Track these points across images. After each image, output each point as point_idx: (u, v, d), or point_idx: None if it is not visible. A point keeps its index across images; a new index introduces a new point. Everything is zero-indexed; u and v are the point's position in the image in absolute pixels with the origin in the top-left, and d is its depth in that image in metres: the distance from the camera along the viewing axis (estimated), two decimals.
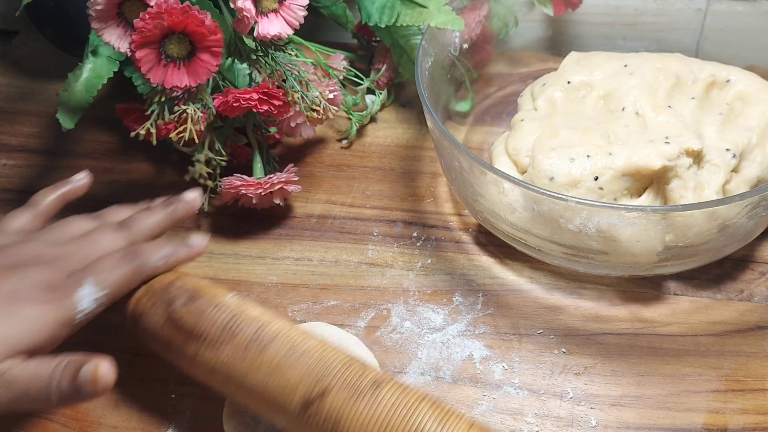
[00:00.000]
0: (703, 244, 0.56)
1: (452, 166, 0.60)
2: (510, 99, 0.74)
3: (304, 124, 0.68)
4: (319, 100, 0.63)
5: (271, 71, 0.62)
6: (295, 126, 0.68)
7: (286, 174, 0.64)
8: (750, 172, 0.61)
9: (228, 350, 0.49)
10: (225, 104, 0.61)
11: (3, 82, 0.82)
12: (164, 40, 0.56)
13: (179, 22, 0.55)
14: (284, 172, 0.65)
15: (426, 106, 0.60)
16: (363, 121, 0.74)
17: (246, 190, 0.63)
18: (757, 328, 0.59)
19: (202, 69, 0.57)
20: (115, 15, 0.56)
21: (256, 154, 0.66)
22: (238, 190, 0.63)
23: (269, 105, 0.61)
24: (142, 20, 0.54)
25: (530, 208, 0.56)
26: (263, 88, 0.61)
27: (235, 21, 0.59)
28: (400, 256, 0.65)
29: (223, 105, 0.61)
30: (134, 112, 0.61)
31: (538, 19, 0.76)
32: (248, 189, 0.63)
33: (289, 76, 0.62)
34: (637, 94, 0.64)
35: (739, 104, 0.64)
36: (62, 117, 0.63)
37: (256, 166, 0.66)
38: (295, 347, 0.48)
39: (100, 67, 0.64)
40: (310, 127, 0.69)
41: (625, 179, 0.59)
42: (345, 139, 0.74)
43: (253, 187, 0.63)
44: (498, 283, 0.63)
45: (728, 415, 0.54)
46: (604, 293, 0.61)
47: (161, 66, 0.56)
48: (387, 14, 0.68)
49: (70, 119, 0.63)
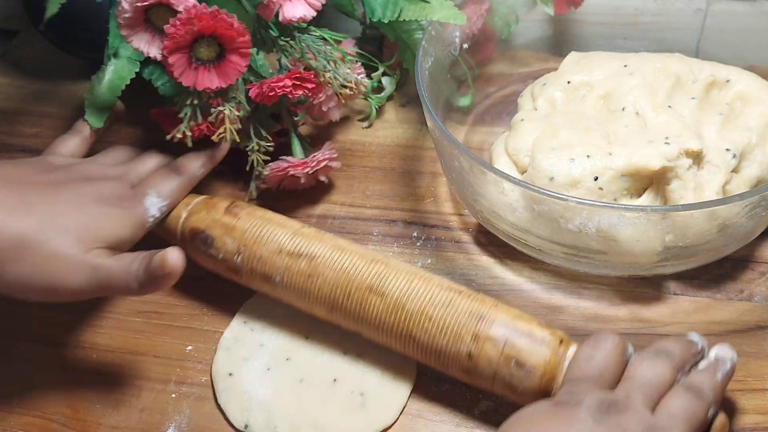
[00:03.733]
0: (703, 244, 0.56)
1: (452, 166, 0.60)
2: (510, 99, 0.74)
3: (334, 107, 0.70)
4: (351, 76, 0.65)
5: (301, 54, 0.63)
6: (327, 110, 0.69)
7: (328, 152, 0.66)
8: (750, 172, 0.61)
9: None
10: (261, 94, 0.62)
11: (3, 82, 0.82)
12: (194, 44, 0.57)
13: (209, 26, 0.57)
14: (325, 150, 0.66)
15: (426, 106, 0.60)
16: (382, 102, 0.76)
17: (294, 170, 0.65)
18: (757, 328, 0.59)
19: (231, 70, 0.59)
20: (143, 21, 0.58)
21: (293, 136, 0.68)
22: (285, 171, 0.65)
23: (303, 89, 0.63)
24: (173, 26, 0.56)
25: (530, 208, 0.56)
26: (295, 74, 0.62)
27: (260, 7, 0.61)
28: (400, 256, 0.65)
29: (260, 95, 0.62)
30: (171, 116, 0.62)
31: (539, 18, 0.76)
32: (296, 169, 0.65)
33: (320, 57, 0.64)
34: (637, 94, 0.64)
35: (739, 104, 0.64)
36: (90, 117, 0.65)
37: (296, 148, 0.68)
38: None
39: (122, 69, 0.65)
40: (337, 109, 0.70)
41: (624, 179, 0.59)
42: (366, 120, 0.75)
43: (300, 167, 0.65)
44: (498, 283, 0.63)
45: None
46: (604, 293, 0.61)
47: (192, 69, 0.58)
48: (390, 9, 0.68)
49: (98, 118, 0.65)
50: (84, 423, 0.56)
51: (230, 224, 0.59)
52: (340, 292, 0.55)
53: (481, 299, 0.54)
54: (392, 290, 0.54)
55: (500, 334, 0.52)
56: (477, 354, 0.52)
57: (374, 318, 0.54)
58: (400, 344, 0.54)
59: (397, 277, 0.55)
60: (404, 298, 0.54)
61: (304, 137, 0.70)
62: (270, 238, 0.58)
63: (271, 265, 0.57)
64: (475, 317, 0.52)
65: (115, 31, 0.65)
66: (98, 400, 0.57)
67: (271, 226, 0.58)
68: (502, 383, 0.52)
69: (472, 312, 0.53)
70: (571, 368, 0.50)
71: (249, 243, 0.58)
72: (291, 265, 0.56)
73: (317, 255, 0.56)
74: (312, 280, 0.56)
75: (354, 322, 0.55)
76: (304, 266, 0.56)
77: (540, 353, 0.51)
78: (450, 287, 0.54)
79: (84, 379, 0.59)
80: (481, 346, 0.52)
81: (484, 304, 0.53)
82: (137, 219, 0.58)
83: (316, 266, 0.56)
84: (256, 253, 0.57)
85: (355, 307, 0.55)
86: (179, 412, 0.56)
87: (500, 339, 0.51)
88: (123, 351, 0.60)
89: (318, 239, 0.57)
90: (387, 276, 0.55)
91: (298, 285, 0.56)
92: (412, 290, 0.54)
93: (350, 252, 0.56)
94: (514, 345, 0.51)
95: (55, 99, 0.80)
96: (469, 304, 0.53)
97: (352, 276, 0.55)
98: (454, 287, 0.55)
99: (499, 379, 0.51)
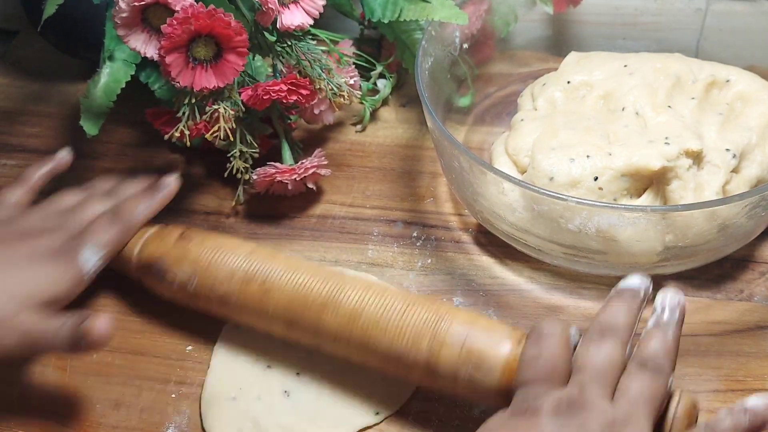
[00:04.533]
0: (702, 244, 0.56)
1: (452, 166, 0.60)
2: (510, 99, 0.74)
3: (326, 110, 0.70)
4: (344, 85, 0.65)
5: (297, 61, 0.64)
6: (318, 113, 0.69)
7: (317, 159, 0.66)
8: (750, 172, 0.61)
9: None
10: (255, 98, 0.62)
11: (3, 82, 0.82)
12: (191, 43, 0.57)
13: (206, 26, 0.57)
14: (314, 157, 0.66)
15: (426, 106, 0.60)
16: (376, 105, 0.75)
17: (281, 177, 0.65)
18: (757, 328, 0.59)
19: (229, 69, 0.59)
20: (140, 21, 0.58)
21: (283, 142, 0.68)
22: (272, 177, 0.65)
23: (297, 95, 0.63)
24: (170, 26, 0.56)
25: (530, 208, 0.56)
26: (291, 79, 0.63)
27: (259, 14, 0.61)
28: (400, 256, 0.65)
29: (253, 98, 0.62)
30: (163, 116, 0.62)
31: (539, 18, 0.76)
32: (283, 176, 0.65)
33: (315, 65, 0.64)
34: (637, 94, 0.64)
35: (739, 104, 0.64)
36: (86, 124, 0.64)
37: (285, 154, 0.67)
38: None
39: (118, 72, 0.65)
40: (330, 113, 0.70)
41: (624, 179, 0.59)
42: (359, 124, 0.75)
43: (287, 173, 0.65)
44: (498, 283, 0.63)
45: None
46: (604, 293, 0.61)
47: (189, 69, 0.58)
48: (390, 9, 0.68)
49: (93, 125, 0.65)
50: (84, 423, 0.56)
51: (182, 253, 0.58)
52: (295, 309, 0.54)
53: (438, 304, 0.53)
54: (348, 302, 0.53)
55: (459, 334, 0.51)
56: (436, 356, 0.51)
57: (331, 330, 0.53)
58: (359, 354, 0.54)
59: (352, 289, 0.54)
60: (360, 309, 0.53)
61: (297, 141, 0.70)
62: (222, 263, 0.57)
63: (226, 290, 0.56)
64: (432, 321, 0.52)
65: (111, 33, 0.65)
66: (98, 400, 0.57)
67: (222, 251, 0.57)
68: (463, 384, 0.51)
69: (429, 317, 0.52)
70: (521, 370, 0.48)
71: (201, 270, 0.57)
72: (244, 288, 0.56)
73: (270, 276, 0.55)
74: (266, 300, 0.55)
75: (312, 337, 0.55)
76: (257, 288, 0.55)
77: (499, 353, 0.50)
78: (406, 296, 0.54)
79: (84, 379, 0.58)
80: (440, 348, 0.51)
81: (441, 308, 0.53)
82: (72, 274, 0.56)
83: (270, 287, 0.55)
84: (208, 280, 0.57)
85: (311, 322, 0.54)
86: (179, 412, 0.56)
87: (458, 340, 0.51)
88: (123, 351, 0.60)
89: (271, 260, 0.57)
90: (342, 289, 0.54)
91: (253, 306, 0.56)
92: (367, 301, 0.53)
93: (304, 270, 0.56)
94: (472, 345, 0.50)
95: (55, 99, 0.79)
96: (426, 309, 0.52)
97: (306, 292, 0.54)
98: (411, 296, 0.54)
99: (460, 380, 0.51)
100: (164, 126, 0.62)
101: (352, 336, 0.53)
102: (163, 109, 0.64)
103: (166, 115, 0.62)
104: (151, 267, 0.58)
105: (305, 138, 0.73)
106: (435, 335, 0.51)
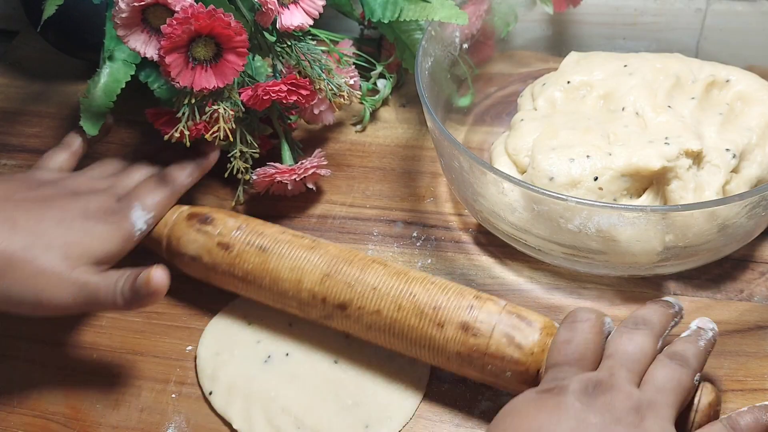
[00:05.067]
0: (702, 244, 0.56)
1: (452, 166, 0.60)
2: (510, 99, 0.74)
3: (326, 110, 0.70)
4: (344, 86, 0.65)
5: (297, 61, 0.64)
6: (318, 113, 0.69)
7: (317, 159, 0.66)
8: (750, 173, 0.61)
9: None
10: (255, 98, 0.62)
11: (3, 82, 0.82)
12: (191, 43, 0.57)
13: (206, 26, 0.57)
14: (314, 158, 0.66)
15: (426, 106, 0.60)
16: (376, 105, 0.75)
17: (281, 177, 0.65)
18: (757, 328, 0.59)
19: (229, 69, 0.59)
20: (140, 21, 0.58)
21: (283, 142, 0.68)
22: (272, 178, 0.65)
23: (297, 95, 0.63)
24: (170, 26, 0.56)
25: (530, 208, 0.56)
26: (291, 79, 0.63)
27: (258, 14, 0.61)
28: (400, 256, 0.65)
29: (253, 99, 0.62)
30: (164, 116, 0.62)
31: (538, 18, 0.76)
32: (282, 176, 0.65)
33: (315, 65, 0.64)
34: (637, 94, 0.64)
35: (739, 104, 0.64)
36: (86, 124, 0.65)
37: (285, 154, 0.68)
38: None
39: (117, 72, 0.65)
40: (330, 113, 0.70)
41: (624, 180, 0.59)
42: (359, 124, 0.75)
43: (287, 174, 0.65)
44: (498, 283, 0.63)
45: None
46: (604, 293, 0.61)
47: (189, 69, 0.58)
48: (390, 10, 0.68)
49: (93, 126, 0.65)
50: (84, 423, 0.56)
51: (230, 214, 0.61)
52: (342, 257, 0.56)
53: (471, 292, 0.55)
54: (393, 265, 0.56)
55: (500, 302, 0.53)
56: (478, 311, 0.53)
57: (373, 282, 0.55)
58: (393, 313, 0.54)
59: (395, 263, 0.58)
60: (406, 270, 0.56)
61: (297, 141, 0.71)
62: (270, 227, 0.60)
63: (272, 238, 0.58)
64: (472, 292, 0.54)
65: (110, 34, 0.65)
66: (98, 400, 0.57)
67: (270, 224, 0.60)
68: (499, 346, 0.51)
69: (469, 290, 0.54)
70: (552, 353, 0.50)
71: (251, 222, 0.60)
72: (293, 239, 0.58)
73: (319, 240, 0.59)
74: (315, 249, 0.57)
75: (347, 292, 0.55)
76: (307, 241, 0.58)
77: (536, 319, 0.52)
78: (442, 283, 0.56)
79: (84, 379, 0.59)
80: (482, 305, 0.53)
81: (472, 297, 0.54)
82: (124, 233, 0.58)
83: (319, 243, 0.58)
84: (257, 229, 0.59)
85: (353, 273, 0.55)
86: (179, 412, 0.56)
87: (500, 304, 0.53)
88: (123, 351, 0.60)
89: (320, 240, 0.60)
90: (387, 262, 0.57)
91: (298, 254, 0.57)
92: (411, 269, 0.56)
93: (351, 250, 0.58)
94: (512, 309, 0.53)
95: (54, 99, 0.80)
96: (462, 289, 0.55)
97: (354, 252, 0.57)
98: (444, 282, 0.56)
99: (496, 339, 0.51)
100: (164, 126, 0.62)
101: (392, 289, 0.54)
102: (163, 109, 0.64)
103: (166, 115, 0.63)
104: (199, 215, 0.60)
105: (305, 138, 0.73)
106: (478, 296, 0.54)
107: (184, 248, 0.60)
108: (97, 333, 0.61)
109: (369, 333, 0.55)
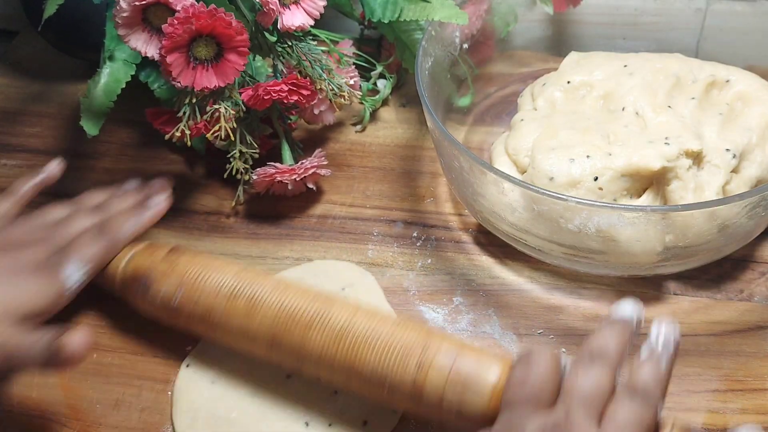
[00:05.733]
0: (702, 244, 0.56)
1: (452, 166, 0.60)
2: (510, 99, 0.74)
3: (327, 110, 0.70)
4: (344, 86, 0.65)
5: (298, 61, 0.64)
6: (318, 113, 0.70)
7: (317, 159, 0.66)
8: (750, 173, 0.61)
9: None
10: (255, 98, 0.62)
11: (3, 82, 0.82)
12: (192, 43, 0.57)
13: (207, 25, 0.57)
14: (314, 158, 0.66)
15: (426, 106, 0.60)
16: (376, 105, 0.75)
17: (281, 177, 0.65)
18: (757, 328, 0.59)
19: (229, 69, 0.59)
20: (140, 21, 0.58)
21: (283, 142, 0.68)
22: (272, 177, 0.65)
23: (298, 95, 0.63)
24: (171, 25, 0.56)
25: (530, 208, 0.56)
26: (292, 79, 0.63)
27: (259, 14, 0.61)
28: (400, 256, 0.65)
29: (254, 98, 0.62)
30: (164, 115, 0.62)
31: (538, 18, 0.76)
32: (283, 176, 0.65)
33: (315, 65, 0.64)
34: (637, 94, 0.64)
35: (739, 104, 0.64)
36: (86, 124, 0.64)
37: (285, 154, 0.68)
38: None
39: (118, 71, 0.66)
40: (331, 113, 0.70)
41: (624, 180, 0.59)
42: (359, 124, 0.75)
43: (287, 173, 0.65)
44: (498, 283, 0.63)
45: (728, 415, 0.54)
46: (604, 293, 0.61)
47: (190, 69, 0.58)
48: (390, 10, 0.68)
49: (93, 125, 0.65)
50: (84, 423, 0.56)
51: (170, 267, 0.57)
52: (280, 326, 0.53)
53: (427, 328, 0.52)
54: (335, 322, 0.52)
55: (448, 357, 0.49)
56: (424, 377, 0.49)
57: (316, 349, 0.52)
58: (343, 376, 0.52)
59: (340, 310, 0.53)
60: (347, 329, 0.52)
61: (297, 141, 0.71)
62: (210, 278, 0.56)
63: (210, 304, 0.55)
64: (420, 343, 0.50)
65: (111, 33, 0.66)
66: (98, 400, 0.57)
67: (211, 267, 0.56)
68: (450, 408, 0.49)
69: (418, 339, 0.50)
70: (507, 392, 0.47)
71: (188, 283, 0.56)
72: (230, 304, 0.54)
73: (257, 294, 0.54)
74: (251, 316, 0.54)
75: (295, 359, 0.53)
76: (243, 304, 0.54)
77: (488, 377, 0.49)
78: (395, 319, 0.52)
79: (84, 379, 0.58)
80: (428, 369, 0.49)
81: (430, 331, 0.51)
82: (55, 289, 0.56)
83: (256, 304, 0.54)
84: (194, 295, 0.56)
85: (296, 340, 0.52)
86: None
87: (447, 363, 0.49)
88: (123, 351, 0.60)
89: (260, 279, 0.55)
90: (330, 310, 0.53)
91: (237, 323, 0.54)
92: (354, 323, 0.52)
93: (292, 291, 0.54)
94: (461, 368, 0.49)
95: (54, 99, 0.80)
96: (415, 331, 0.51)
97: (293, 310, 0.53)
98: (400, 319, 0.53)
99: (446, 404, 0.49)
100: (164, 126, 0.62)
101: (337, 355, 0.51)
102: (163, 109, 0.64)
103: (166, 115, 0.63)
104: (137, 280, 0.57)
105: (305, 138, 0.73)
106: (424, 356, 0.50)
107: (133, 307, 0.59)
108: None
109: (331, 384, 0.54)
